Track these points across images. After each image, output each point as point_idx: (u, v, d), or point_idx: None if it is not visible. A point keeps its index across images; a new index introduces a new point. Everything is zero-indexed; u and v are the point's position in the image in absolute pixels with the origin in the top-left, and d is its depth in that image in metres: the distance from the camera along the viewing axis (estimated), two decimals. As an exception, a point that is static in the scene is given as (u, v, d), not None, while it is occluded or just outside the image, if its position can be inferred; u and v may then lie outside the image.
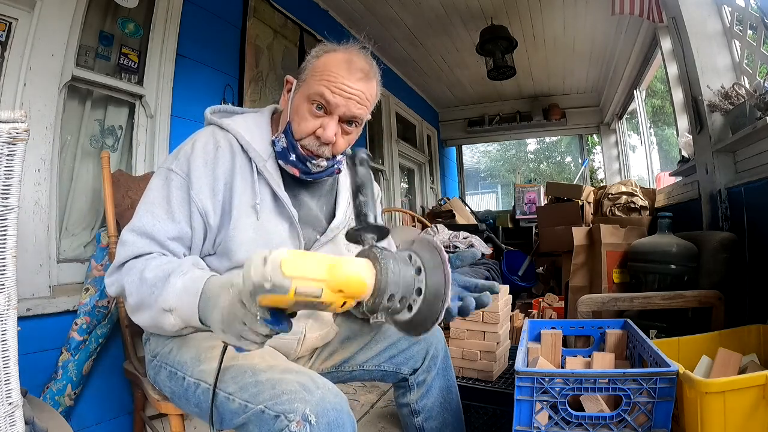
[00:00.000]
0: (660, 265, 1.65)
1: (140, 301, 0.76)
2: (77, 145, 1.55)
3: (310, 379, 0.75)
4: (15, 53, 1.31)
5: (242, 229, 0.85)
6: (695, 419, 0.79)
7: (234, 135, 0.90)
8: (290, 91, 0.91)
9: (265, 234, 0.87)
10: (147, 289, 0.75)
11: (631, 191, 2.54)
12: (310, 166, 0.89)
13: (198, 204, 0.84)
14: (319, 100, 0.84)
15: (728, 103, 1.67)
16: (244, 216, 0.86)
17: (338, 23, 3.24)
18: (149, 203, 0.84)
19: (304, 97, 0.86)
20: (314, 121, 0.86)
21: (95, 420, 1.39)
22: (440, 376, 1.09)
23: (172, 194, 0.84)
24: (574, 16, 3.29)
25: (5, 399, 0.67)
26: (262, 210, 0.87)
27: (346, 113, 0.86)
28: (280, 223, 0.89)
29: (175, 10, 1.82)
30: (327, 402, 0.71)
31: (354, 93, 0.85)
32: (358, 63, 0.86)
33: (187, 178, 0.84)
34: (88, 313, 1.33)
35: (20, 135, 0.67)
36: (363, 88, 0.86)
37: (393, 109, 4.24)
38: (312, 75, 0.86)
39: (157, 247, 0.82)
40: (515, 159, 13.97)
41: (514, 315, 1.72)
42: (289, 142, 0.88)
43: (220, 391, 0.78)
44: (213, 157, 0.86)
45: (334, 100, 0.84)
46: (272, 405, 0.71)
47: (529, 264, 3.77)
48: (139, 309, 0.77)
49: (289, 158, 0.89)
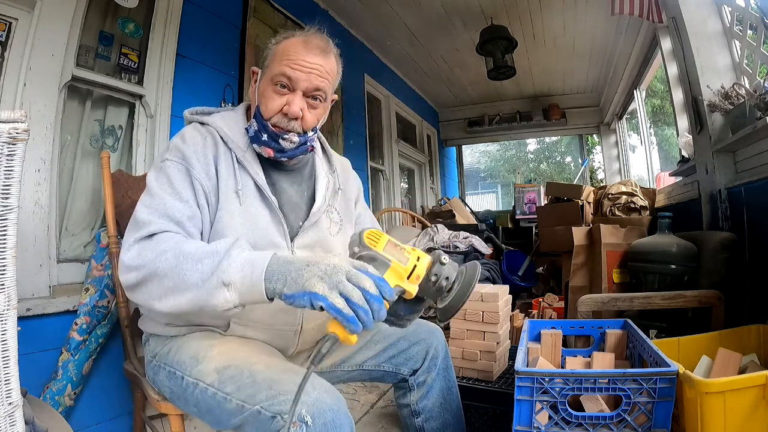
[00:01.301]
0: (660, 265, 1.65)
1: (180, 282, 0.72)
2: (77, 145, 1.55)
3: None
4: (15, 53, 1.31)
5: (228, 211, 0.88)
6: (695, 419, 0.79)
7: (215, 128, 0.94)
8: (256, 81, 0.96)
9: (250, 218, 0.90)
10: (190, 265, 0.71)
11: (631, 191, 2.54)
12: (283, 143, 0.92)
13: (201, 182, 0.86)
14: (282, 79, 0.89)
15: (728, 103, 1.67)
16: (229, 200, 0.89)
17: (338, 23, 3.24)
18: (153, 193, 0.84)
19: (268, 80, 0.92)
20: (280, 99, 0.90)
21: (95, 420, 1.39)
22: (440, 376, 1.09)
23: (174, 178, 0.85)
24: (574, 16, 3.29)
25: (5, 399, 0.67)
26: (245, 196, 0.90)
27: (308, 87, 0.90)
28: (262, 208, 0.92)
29: (175, 10, 1.82)
30: (323, 403, 0.71)
31: (313, 67, 0.90)
32: (314, 41, 0.92)
33: (185, 161, 0.87)
34: (88, 313, 1.33)
35: (20, 135, 0.67)
36: (321, 62, 0.91)
37: (393, 109, 4.24)
38: (273, 60, 0.92)
39: (175, 227, 0.81)
40: (515, 159, 13.98)
41: (514, 315, 1.72)
42: (260, 124, 0.92)
43: (218, 391, 0.78)
44: (202, 145, 0.91)
45: (295, 75, 0.89)
46: (268, 406, 0.71)
47: (529, 264, 3.76)
48: (178, 290, 0.72)
49: (262, 138, 0.92)
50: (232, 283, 0.70)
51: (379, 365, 1.08)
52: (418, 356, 1.07)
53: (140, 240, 0.78)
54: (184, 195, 0.84)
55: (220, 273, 0.70)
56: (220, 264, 0.70)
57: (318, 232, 0.98)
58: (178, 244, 0.76)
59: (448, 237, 3.30)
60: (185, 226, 0.82)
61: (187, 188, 0.85)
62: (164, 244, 0.76)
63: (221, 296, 0.70)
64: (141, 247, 0.77)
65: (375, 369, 1.08)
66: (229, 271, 0.70)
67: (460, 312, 1.42)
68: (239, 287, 0.70)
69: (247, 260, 0.71)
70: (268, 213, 0.92)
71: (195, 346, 0.88)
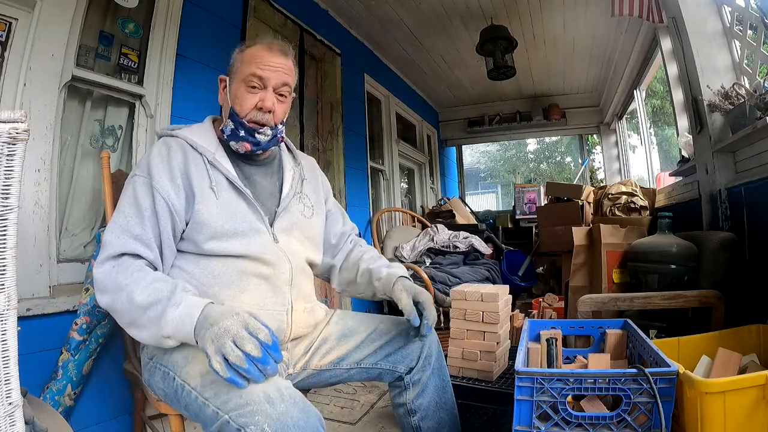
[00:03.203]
0: (660, 265, 1.65)
1: (133, 321, 0.85)
2: (77, 145, 1.55)
3: (277, 390, 0.74)
4: (15, 53, 1.31)
5: (206, 204, 0.97)
6: (695, 419, 0.79)
7: (183, 138, 1.03)
8: (225, 88, 1.07)
9: (228, 209, 0.99)
10: (138, 311, 0.84)
11: (631, 191, 2.54)
12: (258, 137, 1.03)
13: (160, 191, 0.95)
14: (253, 79, 1.01)
15: (728, 103, 1.67)
16: (205, 195, 0.98)
17: (338, 23, 3.24)
18: (120, 207, 0.95)
19: (240, 82, 1.03)
20: (254, 97, 1.02)
21: (95, 420, 1.39)
22: (435, 375, 1.11)
23: (138, 191, 0.95)
24: (574, 16, 3.29)
25: (5, 399, 0.67)
26: (220, 190, 1.00)
27: (277, 83, 1.03)
28: (238, 200, 1.01)
29: (175, 10, 1.82)
30: (288, 417, 0.70)
31: (279, 65, 1.03)
32: (275, 45, 1.06)
33: (148, 175, 0.96)
34: (88, 313, 1.33)
35: (20, 135, 0.67)
36: (284, 61, 1.05)
37: (393, 109, 4.24)
38: (241, 65, 1.04)
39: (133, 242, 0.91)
40: (515, 159, 13.97)
41: (514, 315, 1.71)
42: (236, 122, 1.03)
43: (199, 396, 0.79)
44: (167, 154, 0.99)
45: (265, 74, 1.02)
46: (236, 417, 0.72)
47: (529, 264, 3.77)
48: (135, 327, 0.86)
49: (239, 135, 1.03)
50: (172, 336, 0.83)
51: (377, 363, 1.10)
52: (413, 354, 1.09)
53: (108, 259, 0.89)
54: (145, 210, 0.93)
55: (161, 329, 0.82)
56: (159, 322, 0.82)
57: (291, 215, 1.08)
58: (130, 286, 0.85)
59: (448, 237, 3.30)
60: (142, 239, 0.92)
61: (148, 202, 0.94)
62: (123, 277, 0.86)
63: (168, 342, 0.84)
64: (108, 269, 0.88)
65: (373, 367, 1.10)
66: (167, 329, 0.82)
67: (461, 312, 1.42)
68: (179, 337, 0.83)
69: (180, 319, 0.81)
70: (245, 203, 1.02)
71: (188, 347, 0.89)
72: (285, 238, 1.05)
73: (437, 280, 2.72)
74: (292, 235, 1.07)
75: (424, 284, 2.63)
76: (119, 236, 0.90)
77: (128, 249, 0.90)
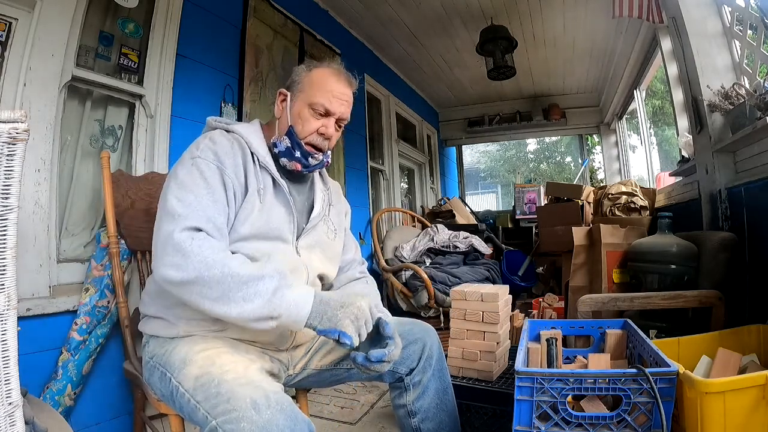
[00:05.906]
0: (660, 265, 1.65)
1: (224, 294, 0.81)
2: (77, 145, 1.55)
3: (264, 396, 0.74)
4: (15, 53, 1.31)
5: (248, 208, 0.97)
6: (695, 419, 0.79)
7: (240, 135, 1.03)
8: (284, 101, 1.07)
9: (266, 214, 0.99)
10: (236, 284, 0.81)
11: (631, 191, 2.54)
12: (311, 160, 1.05)
13: (232, 181, 0.95)
14: (320, 109, 1.03)
15: (728, 103, 1.67)
16: (252, 198, 0.97)
17: (338, 23, 3.24)
18: (187, 188, 0.90)
19: (305, 105, 1.04)
20: (317, 122, 1.04)
21: (95, 420, 1.39)
22: (436, 377, 1.11)
23: (207, 175, 0.92)
24: (574, 16, 3.29)
25: (5, 399, 0.67)
26: (265, 194, 1.00)
27: (341, 115, 1.06)
28: (279, 207, 1.02)
29: (175, 10, 1.82)
30: (274, 425, 0.70)
31: (345, 97, 1.06)
32: (343, 74, 1.07)
33: (218, 161, 0.95)
34: (88, 313, 1.33)
35: (20, 135, 0.67)
36: (349, 93, 1.08)
37: (393, 109, 4.23)
38: (308, 86, 1.04)
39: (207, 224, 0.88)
40: (515, 159, 13.97)
41: (514, 315, 1.71)
42: (294, 142, 1.04)
43: (192, 398, 0.80)
44: (230, 148, 0.99)
45: (332, 107, 1.04)
46: (222, 422, 0.72)
47: (529, 264, 3.77)
48: (224, 302, 0.81)
49: (294, 155, 1.04)
50: (279, 317, 0.82)
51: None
52: (414, 355, 1.09)
53: (187, 229, 0.85)
54: (218, 193, 0.92)
55: (271, 310, 0.81)
56: (271, 301, 0.81)
57: (317, 235, 1.09)
58: (225, 260, 0.83)
59: (448, 237, 3.30)
60: (216, 222, 0.90)
61: (220, 187, 0.93)
62: (210, 252, 0.83)
63: (265, 324, 0.82)
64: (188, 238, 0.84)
65: None
66: (279, 309, 0.81)
67: (461, 312, 1.42)
68: (283, 320, 0.82)
69: (294, 302, 0.82)
70: (284, 211, 1.02)
71: (186, 348, 0.89)
72: (307, 254, 1.06)
73: (437, 280, 2.72)
74: (314, 252, 1.08)
75: (424, 284, 2.63)
76: (195, 211, 0.88)
77: (204, 227, 0.87)
